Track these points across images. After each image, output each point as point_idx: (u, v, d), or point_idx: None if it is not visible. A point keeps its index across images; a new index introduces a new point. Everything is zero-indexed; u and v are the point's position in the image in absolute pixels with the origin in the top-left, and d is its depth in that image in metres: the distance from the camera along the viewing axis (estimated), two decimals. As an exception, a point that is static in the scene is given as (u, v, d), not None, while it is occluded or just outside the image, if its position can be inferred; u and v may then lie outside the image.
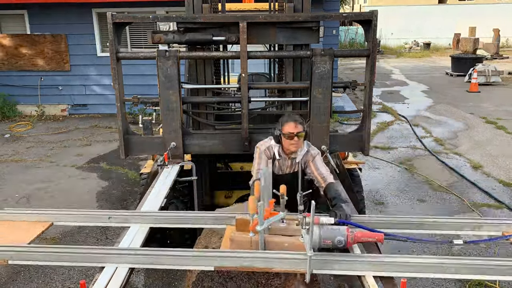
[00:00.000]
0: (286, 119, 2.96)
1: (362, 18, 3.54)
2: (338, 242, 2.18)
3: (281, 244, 2.27)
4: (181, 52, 3.60)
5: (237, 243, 2.32)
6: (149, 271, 4.22)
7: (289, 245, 2.25)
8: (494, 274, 2.15)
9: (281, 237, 2.31)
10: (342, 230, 2.23)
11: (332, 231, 2.22)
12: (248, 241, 2.28)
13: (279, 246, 2.27)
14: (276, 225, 2.31)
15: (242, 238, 2.31)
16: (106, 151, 7.96)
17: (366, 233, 2.28)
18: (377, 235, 2.24)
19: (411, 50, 26.46)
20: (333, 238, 2.20)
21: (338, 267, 2.19)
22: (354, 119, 9.77)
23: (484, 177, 6.43)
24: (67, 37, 10.20)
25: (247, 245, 2.29)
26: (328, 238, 2.19)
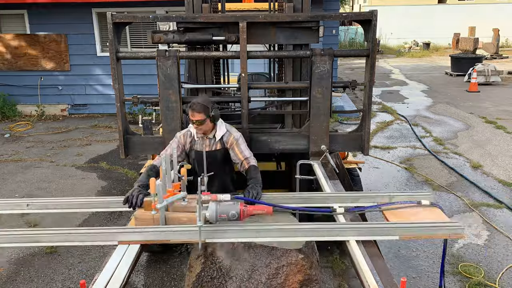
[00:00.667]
0: (191, 105, 3.12)
1: (361, 18, 3.54)
2: (231, 216, 2.44)
3: (179, 219, 2.52)
4: (181, 52, 3.61)
5: (141, 220, 2.55)
6: (149, 271, 4.22)
7: (187, 219, 2.50)
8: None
9: (180, 213, 2.55)
10: (236, 205, 2.48)
11: (227, 206, 2.48)
12: (150, 218, 2.52)
13: (178, 221, 2.52)
14: (178, 204, 2.57)
15: (145, 216, 2.55)
16: (106, 151, 7.96)
17: (257, 206, 2.60)
18: (267, 208, 2.58)
19: (411, 50, 26.47)
20: (228, 212, 2.45)
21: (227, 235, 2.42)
22: (354, 119, 9.77)
23: (484, 176, 6.44)
24: (67, 37, 10.21)
25: (150, 222, 2.53)
26: (223, 212, 2.44)
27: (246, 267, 2.37)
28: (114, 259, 2.32)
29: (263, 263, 2.35)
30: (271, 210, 2.58)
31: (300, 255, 2.36)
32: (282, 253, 2.36)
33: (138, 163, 6.98)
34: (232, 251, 2.41)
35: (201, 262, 2.49)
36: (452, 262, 4.25)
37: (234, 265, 2.39)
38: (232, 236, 2.41)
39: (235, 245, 2.42)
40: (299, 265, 2.35)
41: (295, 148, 3.80)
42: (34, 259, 4.44)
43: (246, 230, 2.43)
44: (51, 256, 4.47)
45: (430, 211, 2.74)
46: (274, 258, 2.35)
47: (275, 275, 2.33)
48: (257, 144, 3.78)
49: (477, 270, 4.10)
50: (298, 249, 2.37)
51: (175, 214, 2.55)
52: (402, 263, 4.26)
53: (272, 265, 2.34)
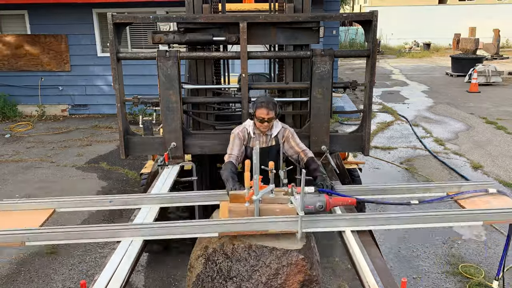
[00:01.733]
0: (260, 104, 3.12)
1: (362, 19, 3.54)
2: (318, 207, 2.56)
3: (273, 210, 2.57)
4: (181, 52, 3.61)
5: (235, 212, 2.58)
6: (149, 271, 4.22)
7: (280, 210, 2.57)
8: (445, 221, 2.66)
9: (272, 205, 2.59)
10: (322, 197, 2.61)
11: (313, 197, 2.59)
12: (244, 210, 2.56)
13: (272, 212, 2.57)
14: (266, 196, 2.59)
15: (239, 208, 2.58)
16: (106, 151, 7.96)
17: (342, 198, 2.71)
18: (351, 200, 2.69)
19: (411, 50, 26.47)
20: (314, 203, 2.56)
21: (323, 224, 2.57)
22: (354, 119, 9.77)
23: (484, 177, 6.43)
24: (68, 37, 10.21)
25: (244, 213, 2.56)
26: (310, 203, 2.54)
27: (246, 268, 2.37)
28: (115, 259, 2.32)
29: (263, 264, 2.35)
30: (355, 201, 2.68)
31: (301, 256, 2.36)
32: (283, 253, 2.36)
33: (138, 163, 6.98)
34: (232, 252, 2.42)
35: (202, 262, 2.49)
36: (453, 262, 4.25)
37: (234, 265, 2.39)
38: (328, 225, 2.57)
39: (235, 245, 2.42)
40: (299, 266, 2.35)
41: (295, 148, 3.79)
42: (34, 259, 4.44)
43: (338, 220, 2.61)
44: (52, 256, 4.47)
45: (499, 198, 2.92)
46: (274, 258, 2.35)
47: (275, 275, 2.33)
48: (257, 144, 3.77)
49: (477, 270, 4.09)
50: (299, 250, 2.37)
51: (268, 206, 2.59)
52: (403, 263, 4.26)
53: (273, 266, 2.34)
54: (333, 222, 2.61)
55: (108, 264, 2.29)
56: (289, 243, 2.41)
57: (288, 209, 2.56)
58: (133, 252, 2.39)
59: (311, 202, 2.55)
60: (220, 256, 2.44)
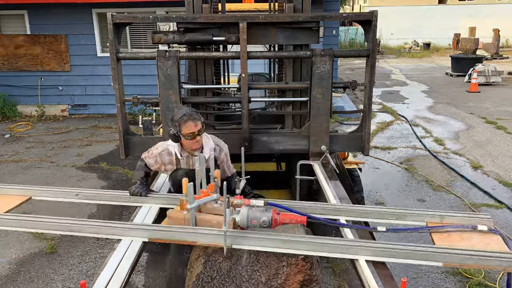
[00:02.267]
0: (184, 119, 2.73)
1: (362, 19, 3.54)
2: (263, 222, 2.34)
3: (209, 221, 2.49)
4: (181, 52, 3.61)
5: (173, 219, 2.58)
6: (149, 271, 4.22)
7: (216, 222, 2.46)
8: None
9: (210, 215, 2.53)
10: (268, 212, 2.38)
11: (259, 212, 2.39)
12: (181, 218, 2.53)
13: (208, 223, 2.49)
14: (211, 206, 2.54)
15: (177, 215, 2.56)
16: (106, 151, 7.96)
17: (291, 215, 2.43)
18: (301, 218, 2.39)
19: (411, 50, 26.48)
20: (259, 218, 2.36)
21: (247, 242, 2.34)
22: (354, 119, 9.77)
23: (484, 177, 6.44)
24: (67, 37, 10.21)
25: (181, 221, 2.53)
26: (255, 218, 2.37)
27: (246, 268, 2.37)
28: (115, 260, 2.32)
29: (263, 264, 2.35)
30: (304, 220, 2.39)
31: (301, 256, 2.36)
32: (283, 253, 2.35)
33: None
34: (232, 252, 2.41)
35: (201, 262, 2.48)
36: (453, 262, 4.25)
37: (234, 265, 2.39)
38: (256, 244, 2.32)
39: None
40: (299, 266, 2.34)
41: (295, 148, 3.80)
42: (34, 259, 4.44)
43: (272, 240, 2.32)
44: (51, 256, 4.47)
45: (487, 237, 2.42)
46: (274, 258, 2.35)
47: (275, 275, 2.33)
48: (257, 144, 3.77)
49: (477, 270, 4.09)
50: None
51: (205, 216, 2.51)
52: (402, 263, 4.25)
53: (272, 266, 2.34)
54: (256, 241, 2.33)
55: (108, 264, 2.28)
56: (289, 243, 2.41)
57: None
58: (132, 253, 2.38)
59: (256, 217, 2.36)
60: (220, 256, 2.44)
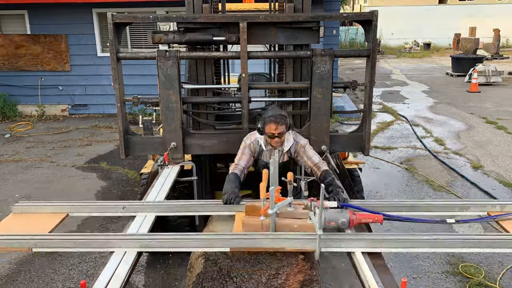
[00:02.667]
0: (269, 119, 2.99)
1: (362, 19, 3.54)
2: (341, 224, 2.32)
3: (291, 226, 2.39)
4: (181, 52, 3.60)
5: (249, 226, 2.45)
6: (149, 271, 4.22)
7: (298, 226, 2.38)
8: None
9: (290, 220, 2.42)
10: (345, 213, 2.37)
11: (336, 213, 2.37)
12: (259, 224, 2.41)
13: (289, 228, 2.39)
14: (284, 210, 2.44)
15: (254, 222, 2.44)
16: (106, 151, 7.96)
17: (367, 214, 2.44)
18: (377, 217, 2.41)
19: (411, 50, 26.48)
20: (337, 220, 2.34)
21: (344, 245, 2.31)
22: (354, 119, 9.77)
23: (485, 177, 6.44)
24: (68, 37, 10.21)
25: (259, 228, 2.42)
26: (332, 220, 2.35)
27: (246, 268, 2.37)
28: (115, 259, 2.32)
29: (263, 263, 2.35)
30: (381, 218, 2.43)
31: (301, 256, 2.36)
32: (283, 253, 2.35)
33: (138, 163, 6.97)
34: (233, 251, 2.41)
35: (202, 262, 2.48)
36: (453, 262, 4.25)
37: (234, 265, 2.39)
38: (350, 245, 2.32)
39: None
40: (299, 265, 2.34)
41: (295, 148, 3.79)
42: (34, 259, 4.43)
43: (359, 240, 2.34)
44: (52, 256, 4.46)
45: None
46: (274, 258, 2.35)
47: (275, 275, 2.33)
48: (257, 144, 3.77)
49: (477, 270, 4.09)
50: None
51: (285, 221, 2.43)
52: (403, 263, 4.25)
53: (273, 265, 2.34)
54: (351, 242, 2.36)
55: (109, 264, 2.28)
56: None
57: (307, 225, 2.39)
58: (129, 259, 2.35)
59: (333, 219, 2.36)
60: (220, 256, 2.44)
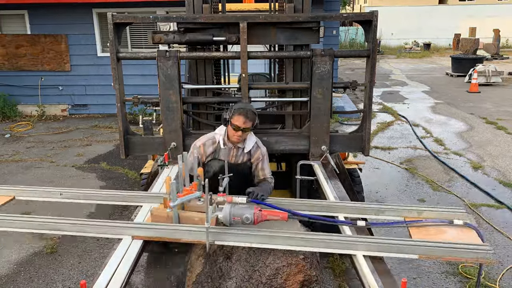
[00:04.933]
0: (239, 111, 2.94)
1: (362, 19, 3.54)
2: (245, 219, 2.36)
3: (192, 218, 2.51)
4: (181, 52, 3.60)
5: (156, 217, 2.58)
6: (149, 271, 4.22)
7: (199, 219, 2.47)
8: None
9: (192, 213, 2.54)
10: (251, 209, 2.39)
11: (241, 209, 2.40)
12: (165, 216, 2.54)
13: (190, 221, 2.50)
14: (194, 203, 2.56)
15: (160, 213, 2.57)
16: (106, 151, 7.97)
17: (272, 211, 2.47)
18: (282, 214, 2.43)
19: (411, 51, 26.50)
20: (241, 215, 2.37)
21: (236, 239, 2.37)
22: (354, 119, 9.77)
23: (485, 177, 6.44)
24: (68, 37, 10.22)
25: (164, 219, 2.54)
26: (237, 215, 2.38)
27: (246, 268, 2.37)
28: (115, 260, 2.32)
29: (263, 264, 2.35)
30: (286, 216, 2.43)
31: (301, 256, 2.36)
32: (283, 253, 2.35)
33: (138, 163, 6.98)
34: (232, 252, 2.41)
35: (201, 262, 2.49)
36: (453, 262, 4.25)
37: (234, 265, 2.39)
38: (240, 240, 2.35)
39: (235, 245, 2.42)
40: (299, 266, 2.34)
41: (295, 148, 3.79)
42: (34, 259, 4.44)
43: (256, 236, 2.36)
44: (51, 256, 4.47)
45: (462, 231, 2.48)
46: (274, 258, 2.35)
47: (275, 275, 2.33)
48: (257, 144, 3.77)
49: (477, 270, 4.09)
50: (299, 250, 2.37)
51: (188, 213, 2.54)
52: (403, 263, 4.25)
53: (273, 266, 2.34)
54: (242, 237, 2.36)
55: (108, 264, 2.28)
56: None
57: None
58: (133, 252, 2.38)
59: (238, 214, 2.38)
60: (220, 256, 2.44)
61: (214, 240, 2.36)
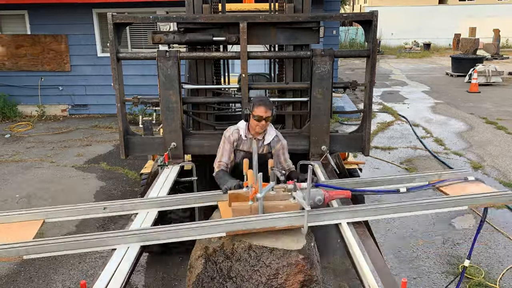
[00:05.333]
0: (258, 103, 3.09)
1: (362, 19, 3.54)
2: (318, 201, 2.58)
3: (277, 207, 2.57)
4: (181, 52, 3.61)
5: (238, 211, 2.55)
6: (149, 271, 4.22)
7: (284, 207, 2.58)
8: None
9: (275, 202, 2.60)
10: (320, 191, 2.64)
11: (313, 192, 2.57)
12: (248, 209, 2.54)
13: (275, 209, 2.56)
14: (268, 194, 2.59)
15: (243, 207, 2.55)
16: (106, 151, 7.96)
17: (338, 191, 2.76)
18: (346, 192, 2.75)
19: (411, 51, 26.49)
20: (314, 198, 2.57)
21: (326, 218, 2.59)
22: (354, 119, 9.77)
23: (485, 177, 6.43)
24: (68, 37, 10.21)
25: (248, 212, 2.54)
26: (310, 198, 2.50)
27: (246, 268, 2.37)
28: (115, 260, 2.32)
29: (263, 264, 2.35)
30: (349, 194, 2.74)
31: (301, 256, 2.36)
32: (283, 254, 2.35)
33: (138, 163, 6.98)
34: (232, 252, 2.41)
35: (202, 262, 2.49)
36: (453, 262, 4.25)
37: (234, 265, 2.39)
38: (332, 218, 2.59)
39: (235, 245, 2.42)
40: (299, 266, 2.35)
41: (295, 148, 3.79)
42: (34, 259, 4.43)
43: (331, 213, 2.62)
44: (51, 256, 4.46)
45: (476, 185, 3.03)
46: (274, 258, 2.35)
47: (275, 275, 2.33)
48: (257, 144, 3.77)
49: (477, 270, 4.09)
50: (299, 250, 2.37)
51: (271, 203, 2.59)
52: (403, 263, 4.25)
53: (273, 266, 2.34)
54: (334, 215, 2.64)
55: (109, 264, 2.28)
56: (289, 243, 2.41)
57: (292, 204, 2.57)
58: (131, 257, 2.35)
59: (311, 197, 2.54)
60: (220, 256, 2.44)
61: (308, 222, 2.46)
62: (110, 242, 2.43)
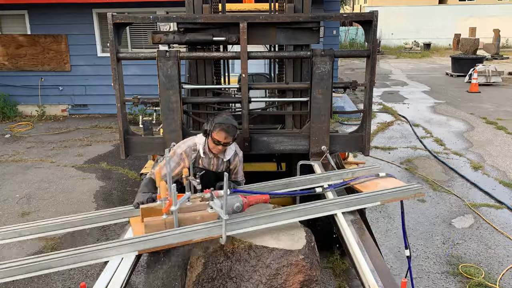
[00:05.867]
0: (220, 127, 2.92)
1: (362, 19, 3.54)
2: (236, 208, 2.50)
3: (193, 218, 2.48)
4: (181, 52, 3.61)
5: (151, 227, 2.43)
6: (149, 271, 4.22)
7: (201, 217, 2.49)
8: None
9: (191, 213, 2.51)
10: (238, 197, 2.54)
11: (230, 199, 2.50)
12: (162, 223, 2.43)
13: (192, 221, 2.47)
14: (183, 205, 2.53)
15: (156, 222, 2.44)
16: (106, 151, 7.96)
17: (256, 196, 2.69)
18: (265, 196, 2.70)
19: (411, 51, 26.49)
20: (232, 205, 2.48)
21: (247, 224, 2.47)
22: (354, 119, 9.77)
23: (485, 177, 6.43)
24: (68, 37, 10.22)
25: (162, 227, 2.43)
26: (228, 206, 2.44)
27: (246, 268, 2.37)
28: (115, 260, 2.32)
29: (263, 264, 2.35)
30: (268, 197, 2.69)
31: (301, 256, 2.36)
32: (283, 254, 2.36)
33: (138, 163, 6.98)
34: (232, 252, 2.41)
35: (202, 262, 2.49)
36: (453, 263, 4.25)
37: (234, 265, 2.39)
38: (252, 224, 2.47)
39: (235, 246, 2.42)
40: (299, 266, 2.35)
41: (295, 148, 3.80)
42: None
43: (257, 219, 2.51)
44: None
45: (387, 180, 3.16)
46: (274, 258, 2.35)
47: (275, 275, 2.33)
48: (257, 144, 3.77)
49: (477, 270, 4.09)
50: (299, 250, 2.37)
51: (186, 215, 2.49)
52: (403, 263, 4.25)
53: (273, 266, 2.34)
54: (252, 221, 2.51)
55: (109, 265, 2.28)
56: (289, 243, 2.41)
57: (209, 214, 2.48)
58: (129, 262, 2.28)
59: (229, 204, 2.46)
60: (220, 256, 2.44)
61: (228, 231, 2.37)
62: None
